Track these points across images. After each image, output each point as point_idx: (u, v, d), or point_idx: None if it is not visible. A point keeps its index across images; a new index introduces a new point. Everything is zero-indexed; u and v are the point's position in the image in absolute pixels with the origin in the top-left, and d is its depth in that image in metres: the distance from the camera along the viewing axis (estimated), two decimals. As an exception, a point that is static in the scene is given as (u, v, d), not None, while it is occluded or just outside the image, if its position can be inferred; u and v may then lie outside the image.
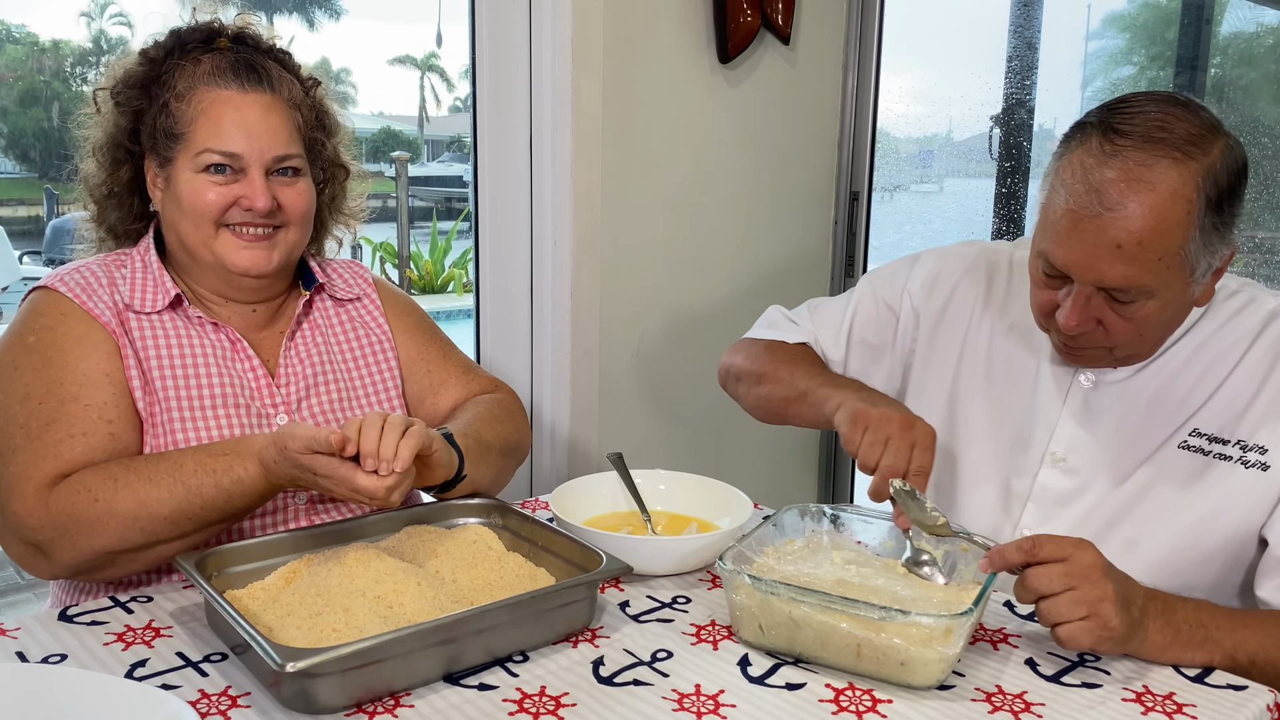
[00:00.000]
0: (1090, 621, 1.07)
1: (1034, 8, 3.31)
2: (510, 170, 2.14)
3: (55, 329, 1.32)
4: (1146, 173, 1.14)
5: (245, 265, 1.38)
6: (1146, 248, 1.15)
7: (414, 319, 1.61)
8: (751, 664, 1.12)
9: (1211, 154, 1.16)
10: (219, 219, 1.36)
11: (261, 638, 0.98)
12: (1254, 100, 3.74)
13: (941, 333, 1.53)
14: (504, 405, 1.56)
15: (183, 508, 1.21)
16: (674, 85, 2.23)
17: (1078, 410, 1.37)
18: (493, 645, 1.10)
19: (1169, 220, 1.14)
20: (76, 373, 1.30)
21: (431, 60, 20.02)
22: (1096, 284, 1.20)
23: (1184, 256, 1.17)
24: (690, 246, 2.34)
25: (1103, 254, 1.16)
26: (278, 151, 1.37)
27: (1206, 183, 1.15)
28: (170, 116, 1.36)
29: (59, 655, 1.09)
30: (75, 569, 1.25)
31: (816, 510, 1.35)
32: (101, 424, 1.28)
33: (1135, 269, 1.16)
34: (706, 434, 2.41)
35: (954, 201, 4.82)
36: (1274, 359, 1.29)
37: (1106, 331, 1.24)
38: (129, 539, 1.21)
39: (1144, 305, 1.20)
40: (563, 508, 1.39)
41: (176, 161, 1.36)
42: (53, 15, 13.58)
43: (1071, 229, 1.18)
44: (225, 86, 1.36)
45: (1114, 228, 1.15)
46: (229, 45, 1.40)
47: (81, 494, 1.21)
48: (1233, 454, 1.27)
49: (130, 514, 1.20)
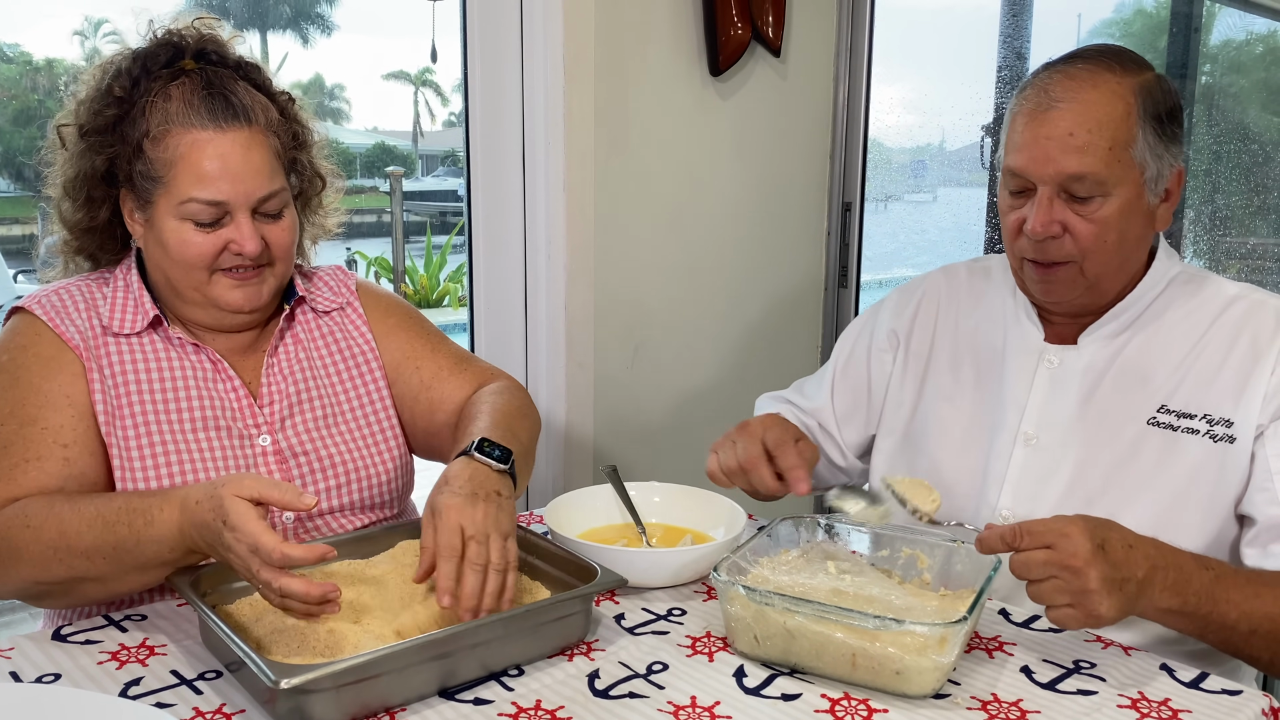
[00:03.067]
0: (1076, 609, 1.08)
1: (1023, 18, 3.33)
2: (503, 185, 2.14)
3: (27, 349, 1.32)
4: (1089, 75, 1.30)
5: (239, 303, 1.36)
6: (1096, 135, 1.27)
7: (398, 318, 1.57)
8: (747, 675, 1.12)
9: (1144, 74, 1.32)
10: (211, 265, 1.33)
11: (256, 655, 0.97)
12: (1244, 107, 3.76)
13: (914, 338, 1.59)
14: (517, 395, 1.52)
15: (98, 544, 1.15)
16: (665, 98, 2.24)
17: (1045, 389, 1.42)
18: (488, 659, 1.09)
19: (1112, 112, 1.28)
20: (39, 394, 1.29)
21: (425, 75, 20.07)
22: (1056, 178, 1.29)
23: (1133, 155, 1.29)
24: (683, 259, 2.35)
25: (1056, 144, 1.28)
26: (262, 192, 1.33)
27: (1141, 93, 1.29)
28: (146, 160, 1.31)
29: (53, 675, 1.09)
30: (14, 595, 1.23)
31: (811, 521, 1.35)
32: (56, 448, 1.27)
33: (1089, 158, 1.27)
34: (701, 446, 2.41)
35: (948, 211, 4.83)
36: (1236, 336, 1.34)
37: (1073, 238, 1.31)
38: (51, 571, 1.18)
39: (1103, 205, 1.29)
40: (557, 521, 1.39)
41: (157, 205, 1.32)
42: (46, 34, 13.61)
43: (1026, 130, 1.31)
44: (202, 127, 1.30)
45: (1064, 118, 1.28)
46: (194, 65, 1.35)
47: (17, 519, 1.19)
48: (1200, 428, 1.32)
49: (52, 544, 1.17)
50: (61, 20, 13.80)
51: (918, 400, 1.56)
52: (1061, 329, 1.44)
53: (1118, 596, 1.08)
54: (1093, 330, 1.40)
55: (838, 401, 1.65)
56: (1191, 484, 1.31)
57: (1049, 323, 1.45)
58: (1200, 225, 3.62)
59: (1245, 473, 1.29)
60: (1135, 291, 1.38)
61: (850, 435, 1.65)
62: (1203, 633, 1.17)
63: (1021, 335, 1.46)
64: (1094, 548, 1.07)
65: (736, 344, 2.51)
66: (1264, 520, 1.26)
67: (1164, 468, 1.33)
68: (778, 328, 2.59)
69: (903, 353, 1.59)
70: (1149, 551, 1.12)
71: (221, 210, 1.31)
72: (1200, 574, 1.14)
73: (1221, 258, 3.65)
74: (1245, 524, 1.31)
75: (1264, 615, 1.15)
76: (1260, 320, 1.34)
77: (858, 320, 1.72)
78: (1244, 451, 1.29)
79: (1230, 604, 1.15)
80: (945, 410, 1.51)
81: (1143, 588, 1.10)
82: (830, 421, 1.65)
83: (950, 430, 1.50)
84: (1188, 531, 1.24)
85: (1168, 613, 1.14)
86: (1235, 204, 3.57)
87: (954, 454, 1.48)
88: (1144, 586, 1.10)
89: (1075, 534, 1.08)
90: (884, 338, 1.62)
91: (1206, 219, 3.62)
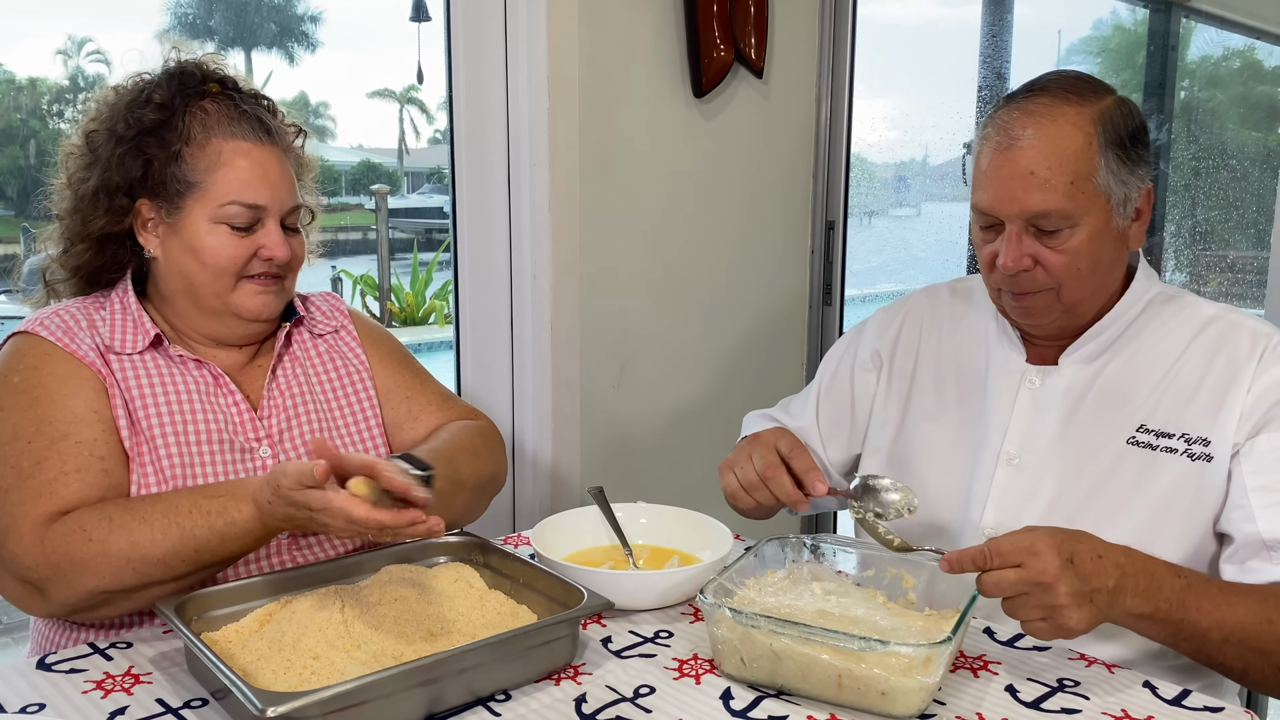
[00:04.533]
0: (1047, 623, 1.10)
1: (1003, 36, 3.37)
2: (489, 204, 2.15)
3: (40, 369, 1.32)
4: (1047, 110, 1.31)
5: (259, 310, 1.41)
6: (1056, 170, 1.29)
7: (389, 349, 1.63)
8: (734, 697, 1.12)
9: (1104, 101, 1.33)
10: (241, 271, 1.39)
11: (242, 683, 0.97)
12: (1221, 123, 3.80)
13: (898, 358, 1.60)
14: (484, 434, 1.57)
15: (176, 549, 1.21)
16: (650, 119, 2.25)
17: (1027, 410, 1.43)
18: (474, 684, 1.09)
19: (1071, 146, 1.29)
20: (65, 411, 1.30)
21: (411, 93, 20.08)
22: (1021, 215, 1.31)
23: (1097, 184, 1.30)
24: (669, 278, 2.36)
25: (1018, 183, 1.30)
26: (293, 203, 1.43)
27: (1101, 121, 1.31)
28: (184, 165, 1.36)
29: (37, 705, 1.08)
30: (71, 608, 1.24)
31: (797, 541, 1.35)
32: (94, 460, 1.28)
33: (1051, 194, 1.29)
34: (688, 465, 2.42)
35: (931, 226, 4.86)
36: (1212, 357, 1.36)
37: (1045, 270, 1.33)
38: (123, 580, 1.21)
39: (1071, 236, 1.31)
40: (544, 543, 1.39)
41: (190, 211, 1.36)
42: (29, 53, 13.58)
43: (989, 168, 1.33)
44: (244, 137, 1.38)
45: (1024, 156, 1.30)
46: (219, 90, 1.41)
47: (77, 534, 1.21)
48: (1178, 447, 1.33)
49: (124, 555, 1.20)
50: (44, 39, 13.76)
51: (902, 420, 1.57)
52: (1043, 350, 1.45)
53: (1088, 608, 1.10)
54: (1072, 351, 1.42)
55: (822, 421, 1.66)
56: (1170, 502, 1.33)
57: (1030, 344, 1.47)
58: (1180, 240, 3.65)
59: (1222, 491, 1.31)
60: (1114, 312, 1.40)
61: (835, 454, 1.66)
62: (1175, 640, 1.19)
63: (1003, 357, 1.48)
64: (1062, 563, 1.09)
65: (722, 362, 2.52)
66: (1241, 538, 1.27)
67: (1143, 486, 1.34)
68: (763, 345, 2.60)
69: (886, 373, 1.61)
70: (1119, 560, 1.14)
71: (257, 215, 1.38)
72: (1172, 581, 1.16)
73: (1202, 271, 3.68)
74: (1224, 541, 1.32)
75: (1235, 624, 1.17)
76: (1236, 341, 1.36)
77: (841, 340, 1.73)
78: (1221, 470, 1.31)
79: (1202, 611, 1.16)
80: (929, 430, 1.53)
81: (1114, 596, 1.12)
82: (815, 441, 1.66)
83: (934, 450, 1.51)
84: (1166, 548, 1.25)
85: (1140, 619, 1.16)
86: (1215, 218, 3.60)
87: (937, 473, 1.49)
88: (1115, 595, 1.12)
89: (1044, 550, 1.09)
90: (867, 358, 1.63)
91: (1186, 234, 3.65)
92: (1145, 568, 1.15)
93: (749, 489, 1.39)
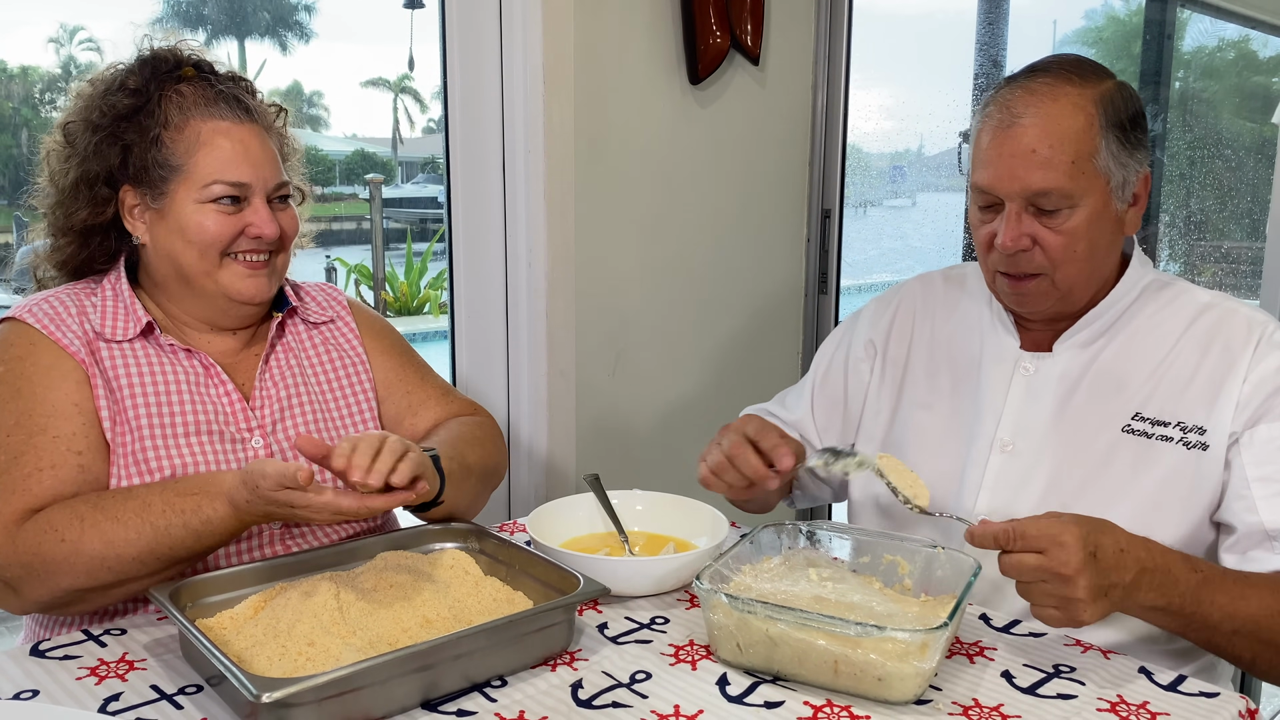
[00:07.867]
0: (1060, 613, 1.10)
1: (999, 25, 3.36)
2: (484, 192, 2.14)
3: (25, 359, 1.31)
4: (1049, 90, 1.31)
5: (250, 293, 1.40)
6: (1058, 149, 1.29)
7: (390, 341, 1.61)
8: (730, 683, 1.12)
9: (1105, 84, 1.33)
10: (226, 249, 1.37)
11: (237, 669, 0.97)
12: (1216, 113, 3.80)
13: (891, 346, 1.60)
14: (485, 428, 1.57)
15: (151, 548, 1.20)
16: (645, 106, 2.24)
17: (1021, 396, 1.43)
18: (470, 671, 1.09)
19: (1073, 125, 1.29)
20: (45, 403, 1.29)
21: (404, 82, 20.00)
22: (1022, 194, 1.31)
23: (1097, 165, 1.30)
24: (664, 266, 2.36)
25: (1020, 161, 1.30)
26: (279, 179, 1.42)
27: (1103, 101, 1.31)
28: (164, 148, 1.35)
29: (31, 691, 1.08)
30: (45, 605, 1.24)
31: (793, 527, 1.35)
32: (70, 455, 1.27)
33: (1052, 173, 1.29)
34: (683, 453, 2.41)
35: (927, 216, 4.86)
36: (1208, 345, 1.36)
37: (1043, 250, 1.33)
38: (98, 578, 1.20)
39: (1070, 216, 1.31)
40: (540, 530, 1.39)
41: (174, 194, 1.35)
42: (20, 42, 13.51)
43: (991, 147, 1.33)
44: (222, 117, 1.37)
45: (1026, 134, 1.30)
46: (194, 74, 1.40)
47: (48, 533, 1.20)
48: (1174, 435, 1.33)
49: (98, 555, 1.19)
50: (36, 28, 13.68)
51: (895, 408, 1.57)
52: (1037, 336, 1.45)
53: (1103, 603, 1.10)
54: (1067, 337, 1.42)
55: (817, 413, 1.66)
56: (1165, 491, 1.32)
57: (1024, 330, 1.46)
58: (1175, 230, 3.66)
59: (1218, 480, 1.31)
60: (1109, 298, 1.40)
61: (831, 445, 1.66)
62: (1185, 630, 1.19)
63: (997, 343, 1.48)
64: (1085, 556, 1.08)
65: (718, 351, 2.51)
66: (1243, 528, 1.27)
67: (1138, 475, 1.34)
68: (759, 334, 2.60)
69: (880, 361, 1.60)
70: (1139, 554, 1.14)
71: (242, 192, 1.37)
72: (1188, 576, 1.16)
73: (1196, 261, 3.69)
74: (1224, 531, 1.32)
75: (1247, 617, 1.17)
76: (1232, 329, 1.36)
77: (836, 331, 1.73)
78: (1217, 459, 1.31)
79: (1214, 605, 1.17)
80: (922, 417, 1.52)
81: (1129, 590, 1.12)
82: (811, 432, 1.66)
83: (927, 437, 1.51)
84: (1162, 537, 1.25)
85: (1151, 610, 1.16)
86: (1210, 208, 3.61)
87: (931, 460, 1.49)
88: (1130, 589, 1.12)
89: (1070, 541, 1.08)
90: (861, 347, 1.63)
91: (1181, 223, 3.66)
92: (1163, 562, 1.15)
93: (718, 472, 1.37)
